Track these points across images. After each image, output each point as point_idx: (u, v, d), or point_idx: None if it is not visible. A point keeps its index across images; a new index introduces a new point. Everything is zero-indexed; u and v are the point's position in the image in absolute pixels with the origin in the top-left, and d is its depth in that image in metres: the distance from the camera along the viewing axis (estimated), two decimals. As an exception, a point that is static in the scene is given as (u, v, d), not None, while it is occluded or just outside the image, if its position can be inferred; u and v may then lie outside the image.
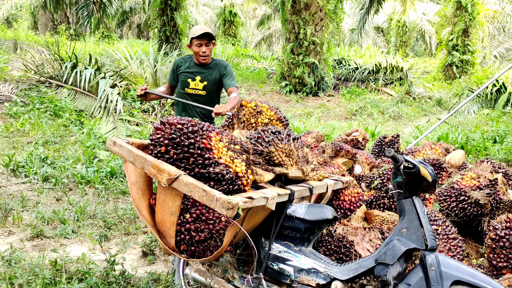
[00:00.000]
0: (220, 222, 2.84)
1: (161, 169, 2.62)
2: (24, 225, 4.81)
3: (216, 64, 4.95)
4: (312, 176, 3.17)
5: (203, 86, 4.89)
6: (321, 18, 14.37)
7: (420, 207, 2.62)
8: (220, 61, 5.00)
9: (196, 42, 4.76)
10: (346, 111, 12.71)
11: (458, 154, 4.51)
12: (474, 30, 19.08)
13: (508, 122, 10.22)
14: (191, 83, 4.88)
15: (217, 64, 4.95)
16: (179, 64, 5.01)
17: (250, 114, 3.73)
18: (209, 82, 4.90)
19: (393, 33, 31.49)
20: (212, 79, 4.90)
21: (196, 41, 4.75)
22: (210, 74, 4.90)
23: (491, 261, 3.17)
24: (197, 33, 4.73)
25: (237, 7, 32.52)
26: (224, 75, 4.91)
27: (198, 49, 4.78)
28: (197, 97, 4.90)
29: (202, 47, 4.77)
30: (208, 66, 4.92)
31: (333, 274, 2.75)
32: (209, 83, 4.90)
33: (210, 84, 4.90)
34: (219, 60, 5.00)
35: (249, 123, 3.70)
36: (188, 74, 4.92)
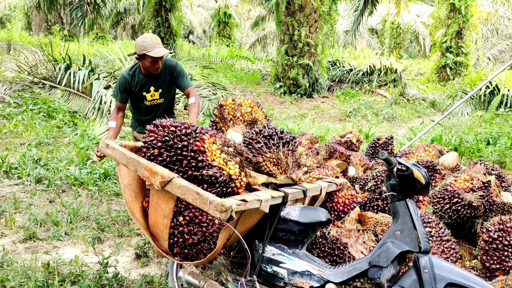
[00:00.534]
0: (213, 225, 2.84)
1: (154, 172, 2.61)
2: (17, 227, 4.78)
3: (164, 67, 4.55)
4: (305, 179, 3.16)
5: (159, 94, 4.60)
6: (315, 20, 14.39)
7: (413, 209, 2.62)
8: (168, 62, 4.59)
9: (150, 59, 4.32)
10: (340, 112, 12.73)
11: (451, 156, 4.52)
12: (468, 32, 19.15)
13: (501, 124, 10.26)
14: (147, 96, 4.57)
15: (166, 66, 4.56)
16: (129, 83, 4.54)
17: (232, 109, 3.71)
18: (163, 88, 4.61)
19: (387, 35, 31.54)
20: (165, 84, 4.60)
21: (150, 58, 4.32)
22: (162, 79, 4.57)
23: (484, 263, 3.18)
24: (153, 50, 4.27)
25: (232, 8, 32.51)
26: (177, 77, 4.60)
27: (152, 66, 4.37)
28: (156, 106, 4.66)
29: (157, 63, 4.39)
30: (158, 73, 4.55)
31: (327, 276, 2.74)
32: (164, 89, 4.61)
33: (165, 89, 4.62)
34: (167, 61, 4.59)
35: (235, 117, 3.70)
36: (141, 88, 4.55)
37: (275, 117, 11.82)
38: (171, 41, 18.77)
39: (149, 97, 4.56)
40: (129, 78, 4.52)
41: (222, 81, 15.56)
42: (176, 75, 4.58)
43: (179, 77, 4.60)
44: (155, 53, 4.24)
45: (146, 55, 4.28)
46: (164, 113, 4.67)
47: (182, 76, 4.61)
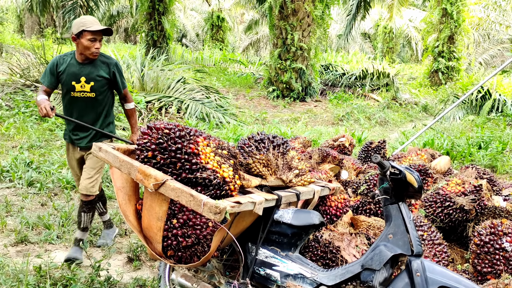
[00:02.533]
0: (207, 228, 2.84)
1: (148, 174, 2.62)
2: (8, 230, 4.75)
3: (102, 61, 4.18)
4: (296, 181, 3.17)
5: (90, 87, 4.12)
6: (308, 24, 14.44)
7: (406, 213, 2.63)
8: (108, 58, 4.25)
9: (89, 36, 3.95)
10: (333, 116, 12.76)
11: (443, 160, 4.55)
12: (460, 37, 19.27)
13: (492, 128, 10.32)
14: (76, 86, 4.09)
15: (104, 61, 4.19)
16: (59, 64, 4.13)
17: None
18: (96, 82, 4.13)
19: (379, 39, 31.70)
20: (99, 78, 4.14)
21: (90, 34, 3.95)
22: (97, 72, 4.14)
23: (475, 266, 3.20)
24: (93, 26, 3.97)
25: (225, 12, 32.54)
26: (116, 74, 4.23)
27: (91, 44, 3.99)
28: (85, 101, 4.15)
29: (96, 42, 4.02)
30: (93, 63, 4.14)
31: (320, 279, 2.75)
32: (97, 83, 4.13)
33: (99, 84, 4.14)
34: (107, 57, 4.26)
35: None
36: (71, 75, 4.10)
37: (268, 120, 11.84)
38: (164, 44, 18.76)
39: (78, 87, 4.09)
40: (59, 60, 4.14)
41: (215, 84, 15.56)
42: (115, 72, 4.22)
43: (118, 76, 4.26)
44: (94, 27, 3.95)
45: (84, 31, 3.95)
46: (96, 113, 4.23)
47: (121, 75, 4.31)
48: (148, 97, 10.65)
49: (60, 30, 28.74)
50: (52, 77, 4.14)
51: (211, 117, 10.51)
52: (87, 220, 4.24)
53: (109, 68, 4.19)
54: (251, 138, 3.32)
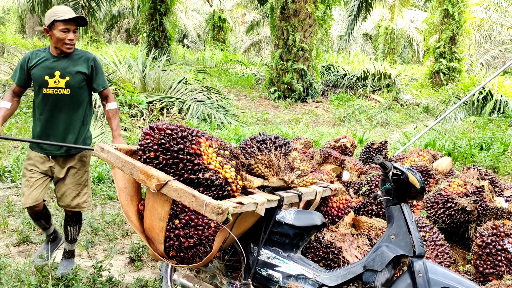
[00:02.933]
0: (209, 228, 2.84)
1: (150, 175, 2.62)
2: (10, 230, 4.76)
3: (80, 55, 3.80)
4: (298, 182, 3.17)
5: (65, 82, 3.70)
6: (310, 25, 14.44)
7: (408, 213, 2.63)
8: (86, 53, 3.88)
9: (61, 26, 3.59)
10: (335, 117, 12.76)
11: (445, 161, 4.55)
12: (461, 37, 19.27)
13: (494, 129, 10.32)
14: (49, 81, 3.66)
15: (82, 55, 3.81)
16: (31, 58, 3.74)
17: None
18: (72, 77, 3.73)
19: (381, 40, 31.69)
20: (75, 74, 3.74)
21: (61, 25, 3.59)
22: (73, 66, 3.74)
23: (477, 267, 3.19)
24: (64, 15, 3.61)
25: (226, 13, 32.56)
26: (95, 70, 3.85)
27: (63, 35, 3.61)
28: (60, 98, 3.72)
29: (70, 33, 3.64)
30: (69, 57, 3.75)
31: (322, 280, 2.75)
32: (73, 78, 3.73)
33: (74, 79, 3.74)
34: (84, 51, 3.89)
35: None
36: (44, 69, 3.69)
37: (269, 121, 11.84)
38: (165, 45, 18.77)
39: (52, 83, 3.67)
40: (32, 55, 3.75)
41: (217, 85, 15.58)
42: (94, 68, 3.84)
43: (97, 72, 3.87)
44: (66, 16, 3.60)
45: (56, 21, 3.59)
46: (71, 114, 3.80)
47: (101, 72, 3.91)
48: (150, 98, 10.65)
49: (61, 31, 28.72)
50: (22, 73, 3.76)
51: (212, 118, 10.51)
52: (74, 232, 3.99)
53: (88, 63, 3.80)
54: (253, 138, 3.32)
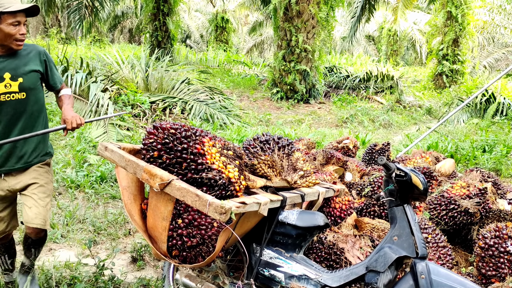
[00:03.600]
0: (212, 228, 2.84)
1: (154, 174, 2.62)
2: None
3: (28, 50, 3.25)
4: (301, 183, 3.18)
5: (18, 85, 3.14)
6: (313, 26, 14.44)
7: (411, 215, 2.63)
8: (34, 46, 3.33)
9: (11, 19, 3.00)
10: (337, 118, 12.76)
11: (448, 163, 4.55)
12: (464, 40, 19.23)
13: (497, 131, 10.31)
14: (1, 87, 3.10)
15: (31, 50, 3.27)
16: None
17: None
18: (26, 77, 3.17)
19: (384, 42, 31.69)
20: (29, 73, 3.20)
21: (10, 18, 3.00)
22: (24, 65, 3.19)
23: (480, 269, 3.19)
24: (13, 6, 3.00)
25: (229, 14, 32.58)
26: (49, 66, 3.36)
27: (14, 30, 3.03)
28: (14, 105, 3.15)
29: (21, 26, 3.06)
30: (18, 55, 3.18)
31: (324, 281, 2.76)
32: (27, 79, 3.18)
33: (29, 80, 3.19)
34: (31, 45, 3.33)
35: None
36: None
37: (272, 122, 11.84)
38: (168, 45, 18.78)
39: (2, 88, 3.10)
40: None
41: (219, 85, 15.58)
42: (48, 63, 3.34)
43: (51, 66, 3.38)
44: (16, 7, 3.00)
45: (3, 14, 2.99)
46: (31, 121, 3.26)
47: (54, 65, 3.41)
48: (152, 98, 10.66)
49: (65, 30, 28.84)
50: None
51: (215, 118, 10.52)
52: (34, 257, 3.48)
53: (39, 58, 3.28)
54: (256, 139, 3.32)
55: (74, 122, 3.20)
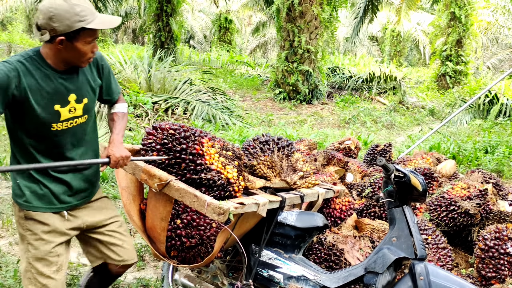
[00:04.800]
0: (211, 228, 2.85)
1: (152, 175, 2.63)
2: (13, 229, 4.77)
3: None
4: (301, 184, 3.17)
5: (83, 107, 2.53)
6: (316, 26, 14.43)
7: (410, 216, 2.63)
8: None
9: (89, 37, 2.35)
10: (340, 119, 12.75)
11: (449, 164, 4.53)
12: (468, 41, 19.19)
13: (500, 132, 10.28)
14: (62, 112, 2.43)
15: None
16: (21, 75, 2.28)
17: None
18: (89, 97, 2.57)
19: (387, 43, 31.62)
20: (90, 90, 2.59)
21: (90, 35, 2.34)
22: (88, 82, 2.56)
23: (480, 271, 3.18)
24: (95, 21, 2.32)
25: (233, 14, 32.59)
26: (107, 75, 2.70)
27: (89, 48, 2.38)
28: (75, 133, 2.54)
29: (95, 43, 2.42)
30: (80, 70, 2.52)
31: (323, 282, 2.75)
32: (90, 98, 2.58)
33: (91, 99, 2.60)
34: None
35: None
36: (51, 97, 2.39)
37: (274, 123, 11.84)
38: (171, 46, 18.79)
39: (65, 113, 2.45)
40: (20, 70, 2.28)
41: (222, 86, 15.59)
42: (105, 71, 2.69)
43: (110, 76, 2.72)
44: (103, 23, 2.37)
45: (84, 29, 2.31)
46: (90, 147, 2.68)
47: (112, 75, 2.76)
48: (155, 98, 10.68)
49: (68, 30, 28.82)
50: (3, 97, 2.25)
51: (217, 119, 10.52)
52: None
53: (97, 67, 2.64)
54: (256, 139, 3.32)
55: (121, 162, 2.56)
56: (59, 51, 2.34)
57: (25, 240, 2.46)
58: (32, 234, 2.45)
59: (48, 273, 2.46)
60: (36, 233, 2.44)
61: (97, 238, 2.73)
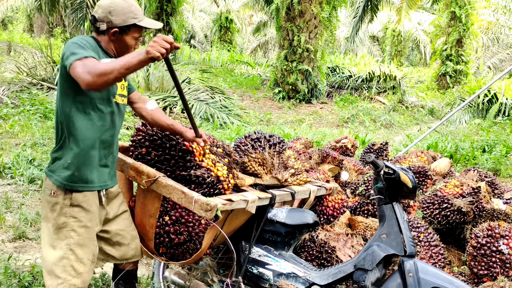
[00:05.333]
0: (200, 225, 2.84)
1: (140, 171, 2.62)
2: (7, 226, 4.77)
3: None
4: (292, 181, 3.16)
5: (126, 86, 2.82)
6: (315, 26, 14.41)
7: (400, 213, 2.61)
8: None
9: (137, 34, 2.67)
10: (338, 118, 12.73)
11: (443, 162, 4.51)
12: (468, 40, 19.16)
13: (498, 132, 10.26)
14: (118, 88, 2.70)
15: None
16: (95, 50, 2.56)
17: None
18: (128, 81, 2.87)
19: (388, 42, 31.58)
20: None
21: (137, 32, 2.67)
22: None
23: (472, 268, 3.16)
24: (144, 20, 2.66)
25: (234, 14, 32.58)
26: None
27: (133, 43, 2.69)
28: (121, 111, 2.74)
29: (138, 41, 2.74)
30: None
31: (312, 279, 2.74)
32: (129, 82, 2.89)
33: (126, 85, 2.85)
34: None
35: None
36: None
37: (272, 122, 11.82)
38: (172, 45, 18.76)
39: (120, 89, 2.72)
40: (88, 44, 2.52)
41: (222, 85, 15.57)
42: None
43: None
44: (149, 23, 2.72)
45: (136, 26, 2.64)
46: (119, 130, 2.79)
47: None
48: (153, 97, 10.67)
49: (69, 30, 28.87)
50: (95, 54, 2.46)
51: (215, 117, 10.51)
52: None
53: None
54: (248, 137, 3.31)
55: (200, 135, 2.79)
56: (111, 41, 2.64)
57: (66, 227, 2.53)
58: (77, 221, 2.53)
59: (86, 261, 2.56)
60: (81, 220, 2.54)
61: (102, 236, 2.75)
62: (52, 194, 2.54)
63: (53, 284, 2.50)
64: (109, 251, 2.77)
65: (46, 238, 2.57)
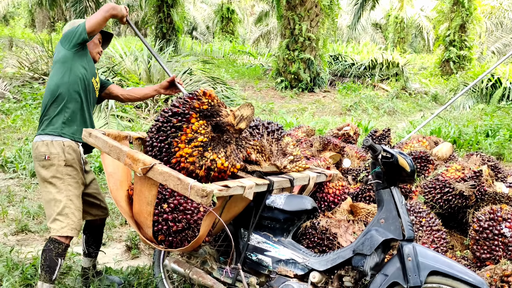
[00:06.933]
0: (198, 212, 2.82)
1: (136, 159, 2.60)
2: (9, 219, 4.78)
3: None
4: (291, 167, 3.13)
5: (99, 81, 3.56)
6: (316, 14, 14.32)
7: (398, 197, 2.58)
8: None
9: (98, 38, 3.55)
10: (341, 106, 12.68)
11: (445, 147, 4.48)
12: (471, 25, 19.01)
13: (502, 116, 10.18)
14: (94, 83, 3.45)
15: None
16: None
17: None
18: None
19: (391, 30, 31.40)
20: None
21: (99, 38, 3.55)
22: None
23: (474, 252, 3.14)
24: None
25: (235, 4, 32.44)
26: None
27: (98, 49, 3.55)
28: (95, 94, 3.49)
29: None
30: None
31: (311, 264, 2.72)
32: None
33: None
34: None
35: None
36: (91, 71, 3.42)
37: (275, 111, 11.78)
38: (173, 37, 18.72)
39: (95, 83, 3.46)
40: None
41: (224, 76, 15.52)
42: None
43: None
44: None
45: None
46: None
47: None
48: (155, 89, 10.63)
49: (70, 24, 28.80)
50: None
51: (217, 108, 10.46)
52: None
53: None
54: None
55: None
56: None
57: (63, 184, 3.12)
58: (72, 178, 3.16)
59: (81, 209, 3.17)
60: (74, 177, 3.17)
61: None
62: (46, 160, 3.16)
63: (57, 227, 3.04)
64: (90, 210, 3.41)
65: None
